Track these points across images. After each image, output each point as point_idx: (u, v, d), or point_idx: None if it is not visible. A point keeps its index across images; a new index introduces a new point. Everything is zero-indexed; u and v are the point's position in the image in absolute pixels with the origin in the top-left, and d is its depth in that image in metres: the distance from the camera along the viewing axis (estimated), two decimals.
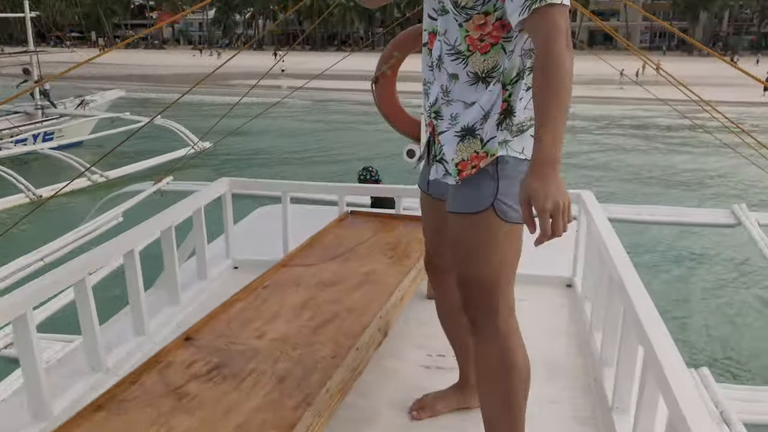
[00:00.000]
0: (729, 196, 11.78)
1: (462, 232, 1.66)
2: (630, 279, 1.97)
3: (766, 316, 6.57)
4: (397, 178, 11.40)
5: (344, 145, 17.04)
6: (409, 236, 2.86)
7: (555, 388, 2.23)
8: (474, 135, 1.63)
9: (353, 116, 22.08)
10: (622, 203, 11.27)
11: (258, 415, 1.56)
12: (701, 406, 1.28)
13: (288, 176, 13.35)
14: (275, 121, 16.82)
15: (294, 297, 2.27)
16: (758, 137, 5.79)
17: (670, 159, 15.61)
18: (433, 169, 1.74)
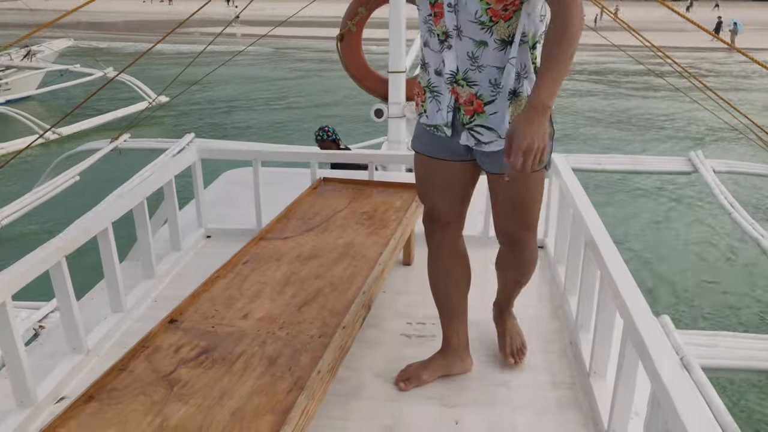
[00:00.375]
0: (680, 139, 12.25)
1: (518, 189, 1.88)
2: (604, 243, 2.03)
3: (721, 263, 6.83)
4: (362, 125, 11.39)
5: (304, 93, 16.80)
6: (385, 205, 2.87)
7: (531, 353, 2.31)
8: (518, 95, 1.77)
9: (316, 64, 21.68)
10: (582, 144, 11.50)
11: (252, 400, 1.59)
12: (686, 381, 1.35)
13: (248, 127, 13.16)
14: (230, 70, 16.42)
15: (275, 273, 2.27)
16: (707, 81, 5.92)
17: (627, 103, 15.94)
18: (464, 136, 1.86)
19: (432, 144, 1.95)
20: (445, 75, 1.82)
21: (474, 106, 1.81)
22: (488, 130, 1.82)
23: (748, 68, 21.08)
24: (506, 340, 2.25)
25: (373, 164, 3.30)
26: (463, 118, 1.83)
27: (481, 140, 1.84)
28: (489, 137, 1.83)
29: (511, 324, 2.30)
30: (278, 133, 12.53)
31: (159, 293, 2.76)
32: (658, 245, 7.29)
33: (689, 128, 13.26)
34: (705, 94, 5.69)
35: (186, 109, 14.07)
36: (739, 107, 5.55)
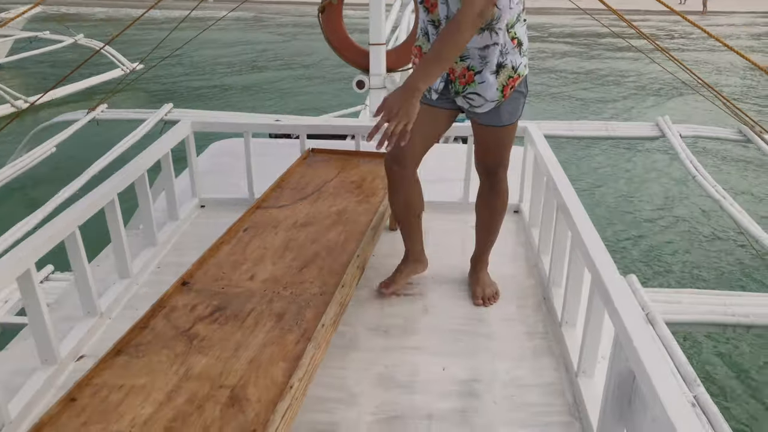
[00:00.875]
0: (644, 95, 13.03)
1: (498, 137, 2.35)
2: (574, 206, 2.25)
3: (684, 224, 7.15)
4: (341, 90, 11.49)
5: (282, 56, 16.80)
6: (372, 174, 3.06)
7: (508, 307, 2.55)
8: (504, 66, 2.18)
9: (294, 28, 21.53)
10: (556, 99, 11.75)
11: (265, 350, 1.80)
12: (644, 324, 1.58)
13: (228, 92, 13.16)
14: (205, 34, 16.36)
15: (274, 239, 2.46)
16: (679, 42, 6.15)
17: (598, 63, 16.45)
18: (459, 100, 2.27)
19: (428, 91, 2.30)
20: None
21: (466, 78, 2.20)
22: (478, 96, 2.21)
23: (721, 32, 21.52)
24: (478, 288, 2.59)
25: (359, 135, 3.48)
26: (458, 88, 2.23)
27: (473, 104, 2.24)
28: (479, 101, 2.23)
29: (484, 274, 2.64)
30: (254, 96, 12.64)
31: (161, 260, 2.93)
32: (624, 206, 7.59)
33: (652, 85, 13.92)
34: (667, 55, 5.97)
35: (163, 74, 13.96)
36: (702, 66, 5.78)
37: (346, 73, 4.75)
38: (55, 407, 1.58)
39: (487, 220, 2.58)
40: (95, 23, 21.13)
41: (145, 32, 15.01)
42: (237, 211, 2.96)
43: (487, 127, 2.31)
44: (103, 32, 14.32)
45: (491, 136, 2.36)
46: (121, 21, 20.97)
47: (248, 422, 1.53)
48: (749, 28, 23.06)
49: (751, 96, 13.12)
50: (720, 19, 24.37)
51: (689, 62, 15.72)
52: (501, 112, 2.28)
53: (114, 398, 1.62)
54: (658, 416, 1.35)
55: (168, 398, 1.62)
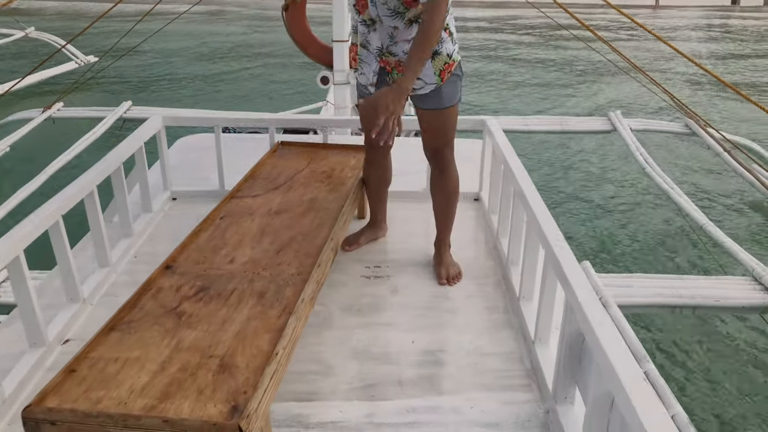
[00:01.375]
0: (588, 79, 13.79)
1: (442, 119, 2.58)
2: (530, 192, 2.45)
3: (634, 213, 7.50)
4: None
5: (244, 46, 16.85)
6: (341, 165, 3.22)
7: (471, 285, 2.74)
8: (439, 53, 2.43)
9: (256, 21, 21.47)
10: (512, 85, 12.13)
11: (250, 324, 1.94)
12: (590, 291, 1.78)
13: (186, 86, 13.13)
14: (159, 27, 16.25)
15: (251, 225, 2.60)
16: (629, 33, 6.48)
17: (548, 52, 17.18)
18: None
19: (365, 92, 2.63)
20: (372, 49, 2.50)
21: (402, 67, 2.38)
22: (418, 78, 2.42)
23: (674, 24, 22.42)
24: (441, 269, 2.79)
25: (327, 128, 3.63)
26: (395, 76, 2.49)
27: (414, 88, 2.47)
28: (419, 84, 2.46)
29: (446, 256, 2.84)
30: (214, 86, 12.72)
31: (137, 249, 3.04)
32: (577, 198, 7.91)
33: (598, 69, 14.71)
34: (609, 47, 6.31)
35: (114, 73, 13.84)
36: (652, 52, 5.99)
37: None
38: (57, 378, 1.70)
39: (442, 204, 2.80)
40: (48, 17, 20.69)
41: (102, 25, 14.84)
42: (208, 203, 3.08)
43: (431, 111, 2.56)
44: (54, 26, 14.09)
45: (435, 119, 2.59)
46: (73, 15, 20.63)
47: (239, 385, 1.68)
48: (700, 21, 23.96)
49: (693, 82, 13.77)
50: (672, 13, 25.23)
51: (642, 49, 16.49)
52: (442, 96, 2.51)
53: (111, 369, 1.74)
54: (602, 365, 1.55)
55: (162, 368, 1.75)
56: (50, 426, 1.59)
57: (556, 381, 1.98)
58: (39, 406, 1.60)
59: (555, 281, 2.08)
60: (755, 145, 6.42)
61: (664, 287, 3.62)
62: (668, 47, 5.72)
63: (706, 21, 23.94)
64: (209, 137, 4.12)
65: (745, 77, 15.01)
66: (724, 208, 7.56)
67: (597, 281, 3.45)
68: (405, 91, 2.17)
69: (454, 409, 2.04)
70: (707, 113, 10.94)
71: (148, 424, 1.55)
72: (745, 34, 21.13)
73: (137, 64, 14.56)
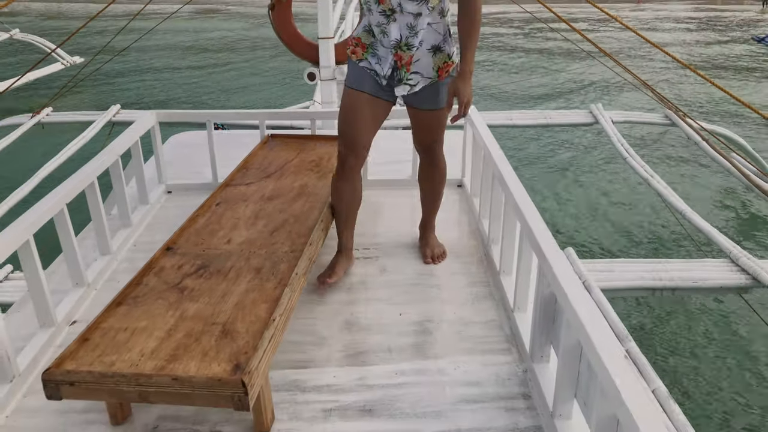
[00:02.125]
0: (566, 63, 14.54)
1: (436, 119, 2.67)
2: (508, 174, 2.62)
3: (616, 201, 7.69)
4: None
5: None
6: (329, 154, 3.37)
7: (455, 264, 2.90)
8: (441, 50, 2.50)
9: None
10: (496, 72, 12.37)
11: (248, 296, 2.09)
12: (560, 254, 1.94)
13: (173, 83, 13.25)
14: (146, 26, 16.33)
15: (245, 210, 2.75)
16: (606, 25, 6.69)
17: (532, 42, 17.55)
18: (399, 89, 2.54)
19: (367, 84, 2.55)
20: (388, 43, 2.46)
21: (410, 62, 2.49)
22: (415, 74, 2.50)
23: (660, 15, 22.80)
24: (427, 249, 2.93)
25: (315, 120, 3.79)
26: (402, 75, 2.50)
27: (412, 85, 2.52)
28: (416, 79, 2.51)
29: (432, 237, 2.98)
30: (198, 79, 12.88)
31: (136, 239, 3.18)
32: (562, 189, 8.10)
33: (574, 54, 15.19)
34: (589, 41, 6.52)
35: (101, 74, 13.91)
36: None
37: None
38: (72, 346, 1.84)
39: (429, 190, 2.92)
40: (31, 18, 20.71)
41: (87, 26, 14.90)
42: (202, 195, 3.23)
43: (426, 111, 2.63)
44: (39, 27, 14.18)
45: (430, 119, 2.67)
46: (56, 16, 20.66)
47: (240, 347, 1.83)
48: (685, 13, 24.32)
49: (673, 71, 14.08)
50: (655, 6, 25.58)
51: (624, 39, 16.80)
52: (439, 96, 2.58)
53: (121, 337, 1.89)
54: (570, 319, 1.71)
55: (168, 335, 1.90)
56: (69, 387, 1.74)
57: (532, 342, 2.14)
58: (58, 368, 1.75)
59: (531, 253, 2.24)
60: (732, 134, 6.64)
61: (645, 271, 3.79)
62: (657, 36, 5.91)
63: (685, 14, 24.30)
64: (200, 134, 4.27)
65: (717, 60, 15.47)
66: (702, 195, 7.78)
67: (580, 267, 3.62)
68: (470, 75, 2.42)
69: (439, 370, 2.20)
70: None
71: (159, 381, 1.70)
72: (719, 25, 21.53)
73: (129, 66, 14.69)
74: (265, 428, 1.92)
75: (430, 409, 2.02)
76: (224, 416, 1.98)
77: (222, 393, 1.68)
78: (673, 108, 6.48)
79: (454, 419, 1.98)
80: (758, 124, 10.42)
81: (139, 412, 2.00)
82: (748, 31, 20.42)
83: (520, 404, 2.04)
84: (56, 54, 11.79)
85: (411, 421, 1.97)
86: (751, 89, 13.00)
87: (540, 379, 2.06)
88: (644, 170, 5.45)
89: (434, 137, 2.76)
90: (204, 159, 3.77)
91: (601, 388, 1.49)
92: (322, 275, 2.68)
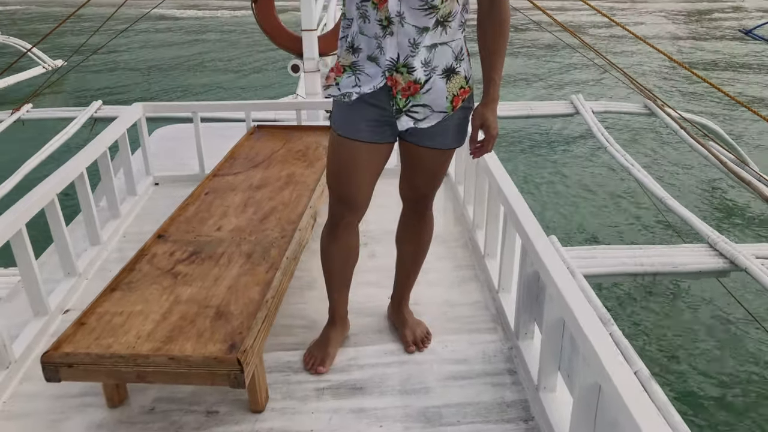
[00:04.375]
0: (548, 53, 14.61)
1: (443, 161, 2.07)
2: (493, 161, 2.68)
3: (598, 190, 7.81)
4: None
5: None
6: (316, 143, 3.42)
7: (441, 248, 2.97)
8: (456, 73, 1.89)
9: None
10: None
11: (241, 279, 2.14)
12: (543, 235, 2.01)
13: (154, 82, 13.20)
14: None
15: (234, 199, 2.79)
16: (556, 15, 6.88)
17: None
18: (402, 121, 1.90)
19: (362, 129, 1.93)
20: (383, 62, 1.84)
21: (411, 90, 1.86)
22: (423, 107, 1.88)
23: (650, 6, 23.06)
24: (407, 332, 2.32)
25: (300, 111, 3.83)
26: (399, 102, 1.87)
27: (417, 119, 1.90)
28: (423, 113, 1.89)
29: (409, 315, 2.39)
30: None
31: (125, 229, 3.21)
32: (544, 178, 8.20)
33: (556, 44, 15.18)
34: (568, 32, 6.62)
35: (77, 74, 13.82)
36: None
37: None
38: (69, 330, 1.88)
39: (411, 253, 2.31)
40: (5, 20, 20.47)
41: (62, 28, 14.79)
42: (190, 186, 3.26)
43: (430, 149, 2.00)
44: (8, 29, 14.09)
45: (435, 160, 2.05)
46: (27, 18, 20.47)
47: (234, 328, 1.88)
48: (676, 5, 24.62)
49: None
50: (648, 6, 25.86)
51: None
52: (451, 132, 1.98)
53: (117, 321, 1.93)
54: (553, 295, 1.78)
55: (164, 318, 1.94)
56: (67, 369, 1.78)
57: (517, 320, 2.21)
58: (57, 351, 1.79)
59: (514, 234, 2.32)
60: (710, 123, 6.78)
61: (626, 257, 3.91)
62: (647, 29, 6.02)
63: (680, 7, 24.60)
64: (186, 127, 4.30)
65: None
66: (681, 182, 7.92)
67: (563, 254, 3.72)
68: (497, 100, 1.91)
69: (428, 350, 2.26)
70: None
71: (156, 361, 1.75)
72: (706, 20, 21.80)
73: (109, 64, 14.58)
74: (260, 407, 1.98)
75: (419, 385, 2.09)
76: (219, 397, 2.04)
77: (218, 371, 1.73)
78: (652, 98, 6.61)
79: (442, 395, 2.04)
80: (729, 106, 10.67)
81: (136, 395, 2.05)
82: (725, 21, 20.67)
83: (506, 379, 2.11)
84: (38, 58, 11.71)
85: (401, 398, 2.03)
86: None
87: (525, 355, 2.13)
88: (624, 159, 5.57)
89: (434, 184, 2.15)
90: (189, 151, 3.81)
91: (583, 358, 1.56)
92: (313, 360, 2.19)
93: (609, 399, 1.42)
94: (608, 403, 1.45)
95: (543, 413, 1.90)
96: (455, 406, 1.99)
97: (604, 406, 1.49)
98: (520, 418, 1.94)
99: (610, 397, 1.41)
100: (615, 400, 1.37)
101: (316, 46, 5.02)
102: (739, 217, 7.11)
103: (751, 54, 15.64)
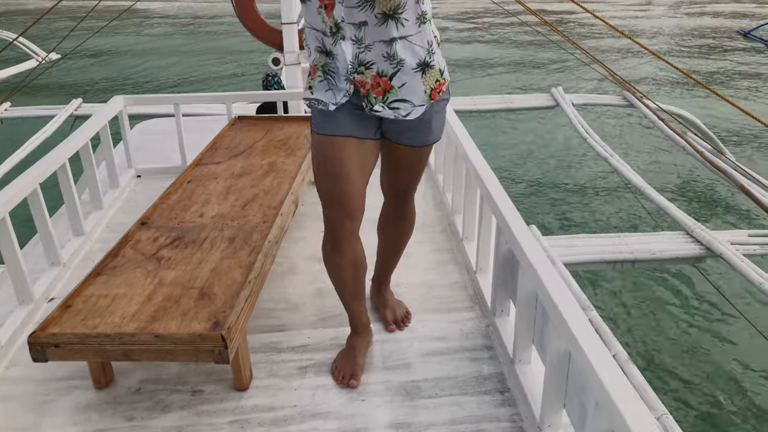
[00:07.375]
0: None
1: (423, 155, 2.07)
2: (470, 147, 2.75)
3: (578, 181, 7.92)
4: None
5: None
6: (296, 133, 3.47)
7: (420, 234, 3.02)
8: (431, 67, 1.84)
9: None
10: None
11: (223, 262, 2.19)
12: (516, 213, 2.07)
13: (138, 73, 13.16)
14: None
15: (216, 187, 2.83)
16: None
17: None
18: (387, 112, 1.86)
19: (345, 123, 1.88)
20: (342, 69, 1.81)
21: (382, 86, 1.82)
22: (403, 102, 1.85)
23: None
24: (387, 312, 2.38)
25: (281, 101, 3.88)
26: (376, 101, 1.84)
27: (399, 113, 1.87)
28: (406, 108, 1.86)
29: (390, 296, 2.44)
30: None
31: (108, 221, 3.24)
32: (525, 169, 8.30)
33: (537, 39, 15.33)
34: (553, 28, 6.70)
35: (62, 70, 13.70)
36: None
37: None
38: (55, 312, 1.92)
39: (392, 241, 2.36)
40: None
41: (48, 23, 14.70)
42: (171, 178, 3.30)
43: (410, 147, 2.00)
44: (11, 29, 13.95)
45: (415, 156, 2.05)
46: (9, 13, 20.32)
47: (218, 307, 1.93)
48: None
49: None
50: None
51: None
52: (431, 128, 1.97)
53: (103, 303, 1.97)
54: (526, 269, 1.85)
55: (148, 299, 1.99)
56: (54, 348, 1.82)
57: (493, 298, 2.28)
58: (43, 331, 1.83)
59: (491, 216, 2.38)
60: (688, 114, 6.90)
61: (605, 245, 3.98)
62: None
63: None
64: (167, 121, 4.32)
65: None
66: (659, 172, 8.05)
67: (543, 243, 3.78)
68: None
69: (408, 328, 2.32)
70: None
71: (142, 339, 1.79)
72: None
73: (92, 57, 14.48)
74: (244, 386, 2.03)
75: (399, 362, 2.15)
76: (204, 377, 2.08)
77: (203, 347, 1.78)
78: (631, 89, 6.72)
79: (421, 370, 2.10)
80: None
81: (122, 377, 2.09)
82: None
83: (483, 354, 2.18)
84: (30, 50, 11.58)
85: (382, 373, 2.09)
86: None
87: (501, 331, 2.20)
88: (604, 149, 5.67)
89: (415, 180, 2.16)
90: (170, 145, 3.84)
91: (555, 327, 1.63)
92: (343, 374, 2.09)
93: (578, 365, 1.49)
94: (577, 368, 1.51)
95: (518, 384, 1.97)
96: (434, 380, 2.05)
97: (574, 371, 1.56)
98: (497, 390, 2.01)
99: (579, 362, 1.48)
100: (584, 365, 1.43)
101: (296, 39, 5.05)
102: (716, 205, 7.25)
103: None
